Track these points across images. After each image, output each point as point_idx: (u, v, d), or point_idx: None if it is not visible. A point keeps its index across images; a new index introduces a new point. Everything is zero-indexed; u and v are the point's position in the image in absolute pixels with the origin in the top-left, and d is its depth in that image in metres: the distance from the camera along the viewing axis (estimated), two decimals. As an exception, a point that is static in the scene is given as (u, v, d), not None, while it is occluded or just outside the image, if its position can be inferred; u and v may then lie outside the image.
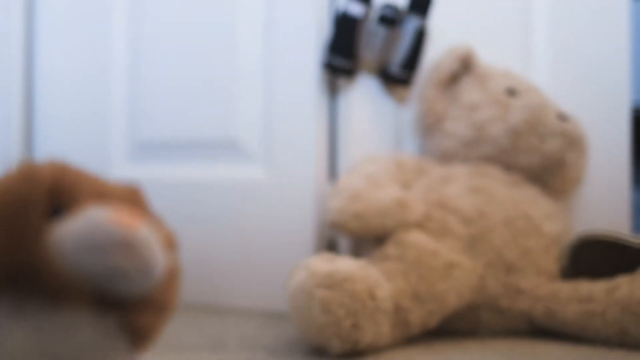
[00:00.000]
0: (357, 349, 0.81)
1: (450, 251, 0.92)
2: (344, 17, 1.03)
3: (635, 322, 0.86)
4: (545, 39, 1.20)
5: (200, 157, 1.17)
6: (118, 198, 0.33)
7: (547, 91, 1.18)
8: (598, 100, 1.21)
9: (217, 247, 1.15)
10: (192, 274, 1.17)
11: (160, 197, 1.18)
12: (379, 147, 1.11)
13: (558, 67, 1.20)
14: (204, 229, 1.16)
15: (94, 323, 0.31)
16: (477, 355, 0.83)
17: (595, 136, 1.20)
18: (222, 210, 1.15)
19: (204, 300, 1.17)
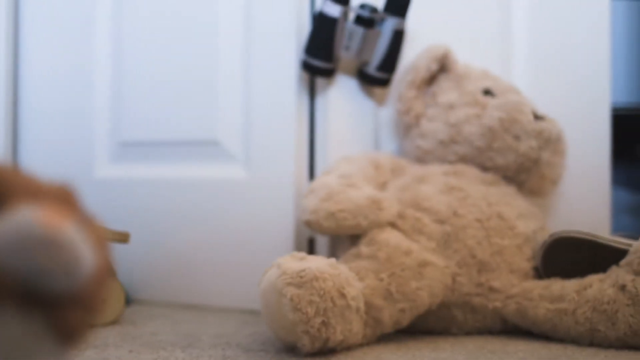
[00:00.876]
0: (328, 347, 0.82)
1: (423, 250, 0.92)
2: (321, 17, 1.04)
3: (605, 321, 0.86)
4: (526, 40, 1.21)
5: (182, 157, 1.18)
6: (50, 197, 0.34)
7: (527, 92, 1.19)
8: (579, 101, 1.22)
9: (198, 246, 1.16)
10: (174, 273, 1.18)
11: (143, 196, 1.20)
12: (358, 147, 1.12)
13: (538, 67, 1.21)
14: (186, 227, 1.17)
15: (20, 322, 0.32)
16: (446, 353, 0.84)
17: (576, 136, 1.21)
18: (203, 209, 1.16)
19: (185, 298, 1.18)
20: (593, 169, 1.23)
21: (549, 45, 1.21)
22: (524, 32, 1.21)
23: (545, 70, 1.21)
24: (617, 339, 0.86)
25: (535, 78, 1.21)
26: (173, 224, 1.18)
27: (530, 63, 1.21)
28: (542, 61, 1.21)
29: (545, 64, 1.21)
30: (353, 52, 1.07)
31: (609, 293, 0.87)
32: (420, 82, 1.08)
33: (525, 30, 1.21)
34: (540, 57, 1.21)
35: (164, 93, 1.19)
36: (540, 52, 1.21)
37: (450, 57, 1.10)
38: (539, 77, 1.21)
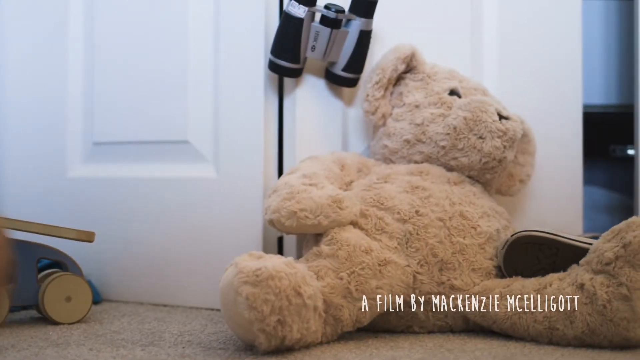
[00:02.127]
0: (285, 345, 0.82)
1: (384, 249, 0.93)
2: (286, 17, 1.05)
3: (563, 320, 0.87)
4: (496, 40, 1.21)
5: (153, 157, 1.19)
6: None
7: (498, 91, 1.20)
8: (551, 101, 1.22)
9: (168, 245, 1.17)
10: (145, 272, 1.19)
11: (115, 195, 1.21)
12: (327, 147, 1.13)
13: (509, 67, 1.21)
14: (156, 226, 1.18)
15: None
16: (404, 352, 0.84)
17: (548, 136, 1.21)
18: (173, 208, 1.17)
19: (156, 297, 1.19)
20: (565, 169, 1.23)
21: (520, 45, 1.21)
22: (495, 32, 1.21)
23: (517, 70, 1.21)
24: (574, 338, 0.87)
25: (506, 78, 1.21)
26: (144, 223, 1.19)
27: (501, 63, 1.21)
28: (513, 61, 1.21)
29: (516, 63, 1.21)
30: (319, 53, 1.07)
31: (568, 292, 0.88)
32: (387, 82, 1.08)
33: (495, 30, 1.21)
34: (511, 57, 1.21)
35: (135, 94, 1.20)
36: (511, 52, 1.21)
37: (417, 57, 1.10)
38: (510, 77, 1.21)
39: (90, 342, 0.90)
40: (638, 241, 0.84)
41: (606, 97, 1.47)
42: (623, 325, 0.84)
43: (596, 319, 0.85)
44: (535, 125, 1.19)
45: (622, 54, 1.44)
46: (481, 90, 1.10)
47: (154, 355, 0.83)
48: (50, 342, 0.89)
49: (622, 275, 0.84)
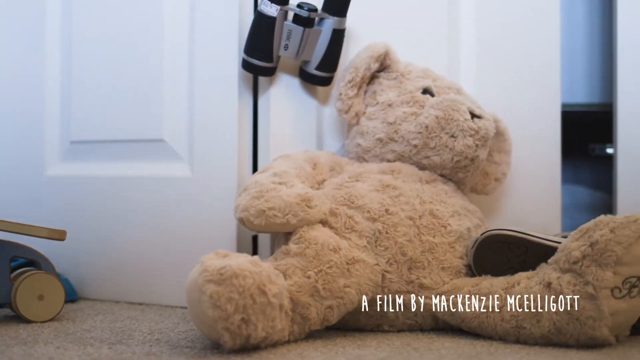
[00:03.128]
0: (251, 343, 0.82)
1: (353, 247, 0.93)
2: (259, 16, 1.05)
3: (530, 319, 0.87)
4: (474, 38, 1.21)
5: (130, 155, 1.19)
6: None
7: (476, 90, 1.20)
8: (529, 100, 1.22)
9: (144, 243, 1.17)
10: (121, 270, 1.19)
11: (92, 194, 1.21)
12: (301, 146, 1.13)
13: (487, 66, 1.21)
14: (133, 225, 1.18)
15: None
16: (370, 350, 0.85)
17: (526, 135, 1.21)
18: (149, 207, 1.17)
19: (132, 296, 1.19)
20: (544, 168, 1.23)
21: (498, 43, 1.21)
22: (472, 30, 1.21)
23: (495, 69, 1.21)
24: (541, 337, 0.87)
25: (484, 77, 1.21)
26: (120, 222, 1.19)
27: (478, 62, 1.21)
28: (491, 60, 1.21)
29: (494, 62, 1.21)
30: (292, 52, 1.07)
31: (535, 291, 0.88)
32: (360, 81, 1.08)
33: (473, 28, 1.21)
34: (489, 55, 1.21)
35: (111, 93, 1.20)
36: (489, 51, 1.21)
37: (391, 56, 1.10)
38: (488, 75, 1.21)
39: (59, 341, 0.90)
40: (605, 240, 0.84)
41: (586, 96, 1.46)
42: (589, 324, 0.83)
43: (563, 318, 0.85)
44: (513, 124, 1.19)
45: (603, 53, 1.44)
46: (455, 89, 1.10)
47: (120, 353, 0.83)
48: (19, 340, 0.90)
49: (588, 274, 0.84)
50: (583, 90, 1.49)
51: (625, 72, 1.25)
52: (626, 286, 0.84)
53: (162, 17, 1.17)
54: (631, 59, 1.25)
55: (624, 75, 1.25)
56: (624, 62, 1.25)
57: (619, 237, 0.83)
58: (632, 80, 1.25)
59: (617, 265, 0.83)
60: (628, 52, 1.25)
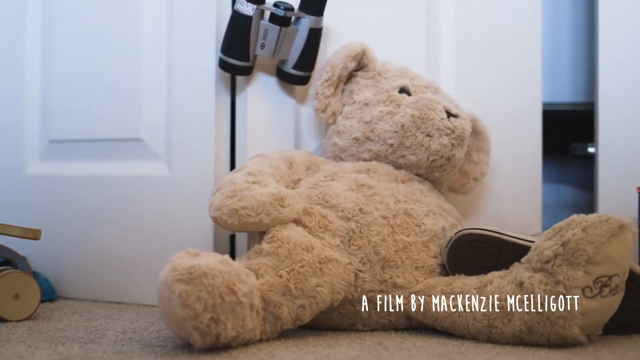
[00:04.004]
0: (221, 342, 0.82)
1: (326, 247, 0.93)
2: (235, 15, 1.05)
3: (502, 318, 0.87)
4: (453, 37, 1.22)
5: (109, 155, 1.19)
6: None
7: (456, 89, 1.20)
8: (510, 99, 1.22)
9: (123, 242, 1.17)
10: (100, 269, 1.19)
11: (72, 193, 1.21)
12: (279, 145, 1.13)
13: (467, 65, 1.21)
14: (112, 224, 1.18)
15: None
16: (340, 349, 0.84)
17: (507, 134, 1.21)
18: (128, 206, 1.17)
19: (111, 295, 1.19)
20: (524, 167, 1.23)
21: (478, 42, 1.21)
22: (452, 30, 1.22)
23: (475, 68, 1.21)
24: (513, 336, 0.86)
25: (463, 76, 1.21)
26: (99, 221, 1.19)
27: (458, 61, 1.21)
28: (471, 59, 1.21)
29: (474, 61, 1.21)
30: (269, 51, 1.07)
31: (507, 290, 0.88)
32: (337, 80, 1.08)
33: (453, 27, 1.21)
34: (469, 54, 1.21)
35: (90, 92, 1.21)
36: (469, 50, 1.21)
37: (368, 55, 1.10)
38: (468, 74, 1.21)
39: (31, 340, 0.90)
40: (576, 239, 0.84)
41: (571, 96, 1.46)
42: (560, 323, 0.83)
43: (533, 318, 0.85)
44: (494, 123, 1.19)
45: (588, 52, 1.44)
46: (433, 88, 1.10)
47: (90, 352, 0.83)
48: (-10, 339, 0.90)
49: (560, 274, 0.84)
50: (568, 89, 1.49)
51: (607, 72, 1.25)
52: (597, 285, 0.84)
53: (141, 17, 1.17)
54: (612, 58, 1.24)
55: (605, 74, 1.25)
56: (605, 62, 1.25)
57: (590, 236, 0.83)
58: (613, 80, 1.24)
59: (589, 265, 0.83)
60: (609, 52, 1.24)
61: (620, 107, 1.24)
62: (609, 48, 1.25)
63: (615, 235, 0.84)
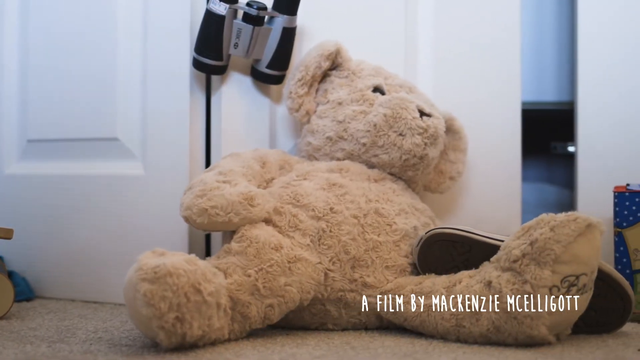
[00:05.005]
0: (187, 342, 0.82)
1: (296, 246, 0.93)
2: (208, 15, 1.05)
3: (470, 317, 0.87)
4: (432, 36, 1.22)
5: (85, 154, 1.20)
6: None
7: (433, 89, 1.20)
8: (489, 98, 1.22)
9: (100, 241, 1.18)
10: (77, 269, 1.19)
11: (49, 192, 1.21)
12: (254, 144, 1.13)
13: (446, 65, 1.21)
14: (88, 223, 1.18)
15: None
16: (307, 349, 0.84)
17: (486, 134, 1.21)
18: (104, 205, 1.17)
19: (87, 295, 1.19)
20: (504, 166, 1.23)
21: (456, 41, 1.21)
22: (430, 29, 1.21)
23: (453, 67, 1.21)
24: (480, 335, 0.86)
25: (441, 75, 1.21)
26: (76, 220, 1.19)
27: (436, 60, 1.21)
28: (449, 58, 1.21)
29: (452, 60, 1.21)
30: (242, 50, 1.07)
31: (476, 289, 0.87)
32: (311, 79, 1.08)
33: (431, 26, 1.21)
34: (447, 53, 1.21)
35: (67, 91, 1.21)
36: (447, 49, 1.21)
37: (342, 54, 1.10)
38: (446, 74, 1.21)
39: (1, 339, 0.90)
40: (544, 238, 0.83)
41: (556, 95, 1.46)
42: (527, 323, 0.83)
43: (501, 317, 0.84)
44: (473, 122, 1.19)
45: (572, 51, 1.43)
46: (407, 87, 1.10)
47: (57, 351, 0.83)
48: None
49: (527, 273, 0.84)
50: (552, 88, 1.49)
51: (586, 71, 1.25)
52: (565, 285, 0.83)
53: (116, 17, 1.17)
54: (591, 57, 1.24)
55: (584, 73, 1.25)
56: (584, 61, 1.25)
57: (558, 235, 0.83)
58: (592, 79, 1.24)
59: (556, 264, 0.83)
60: (588, 51, 1.24)
61: (599, 106, 1.24)
62: (588, 47, 1.24)
63: (582, 235, 0.83)
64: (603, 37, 1.24)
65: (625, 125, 1.23)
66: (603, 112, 1.24)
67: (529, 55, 1.51)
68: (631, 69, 1.23)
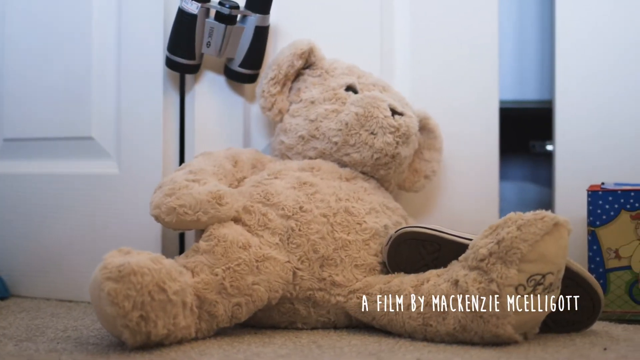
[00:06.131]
0: (152, 340, 0.82)
1: (265, 245, 0.93)
2: (180, 14, 1.05)
3: (436, 316, 0.87)
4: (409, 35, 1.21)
5: (61, 153, 1.20)
6: None
7: (409, 88, 1.19)
8: (467, 97, 1.22)
9: (75, 241, 1.18)
10: (53, 268, 1.19)
11: (25, 192, 1.21)
12: (228, 143, 1.13)
13: (422, 63, 1.21)
14: (63, 222, 1.18)
15: None
16: (273, 348, 0.84)
17: (464, 132, 1.21)
18: (79, 204, 1.17)
19: (63, 293, 1.19)
20: (481, 165, 1.23)
21: (433, 40, 1.21)
22: (407, 27, 1.21)
23: (430, 67, 1.21)
24: (447, 334, 0.86)
25: (418, 74, 1.21)
26: (52, 219, 1.19)
27: (413, 59, 1.21)
28: (426, 57, 1.21)
29: (429, 59, 1.21)
30: (215, 49, 1.07)
31: (442, 288, 0.87)
32: (284, 78, 1.08)
33: (408, 25, 1.21)
34: (424, 52, 1.21)
35: (43, 90, 1.21)
36: (424, 48, 1.21)
37: (315, 53, 1.10)
38: (423, 73, 1.21)
39: (-32, 338, 0.90)
40: (511, 237, 0.83)
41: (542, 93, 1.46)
42: (493, 322, 0.83)
43: (467, 316, 0.84)
44: (450, 120, 1.19)
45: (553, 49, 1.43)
46: (381, 86, 1.10)
47: (23, 350, 0.83)
48: None
49: (493, 272, 0.83)
50: (534, 86, 1.49)
51: (563, 69, 1.24)
52: (531, 284, 0.83)
53: (91, 15, 1.17)
54: (569, 56, 1.24)
55: (562, 72, 1.25)
56: (562, 59, 1.25)
57: (524, 234, 0.83)
58: (570, 78, 1.24)
59: (522, 263, 0.83)
60: (566, 49, 1.24)
61: (576, 105, 1.24)
62: (565, 46, 1.24)
63: (549, 234, 0.83)
64: (580, 36, 1.24)
65: (603, 124, 1.23)
66: (580, 110, 1.24)
67: (511, 53, 1.51)
68: (608, 68, 1.23)
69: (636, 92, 1.22)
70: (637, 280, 1.04)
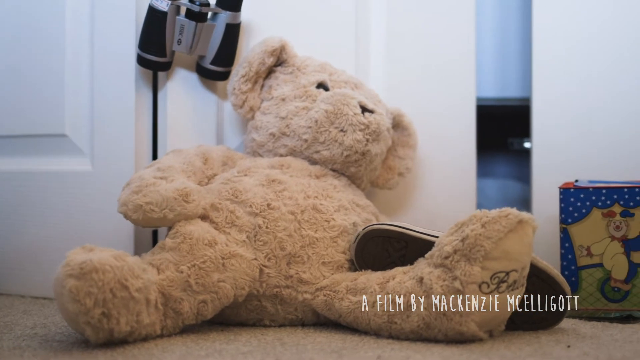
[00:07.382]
0: (115, 337, 0.82)
1: (231, 242, 0.93)
2: (150, 11, 1.05)
3: (401, 314, 0.87)
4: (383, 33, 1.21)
5: (35, 151, 1.20)
6: None
7: (385, 86, 1.19)
8: (444, 95, 1.22)
9: (49, 238, 1.18)
10: (27, 265, 1.19)
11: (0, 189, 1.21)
12: (201, 141, 1.13)
13: (397, 60, 1.21)
14: (37, 220, 1.18)
15: None
16: (236, 345, 0.84)
17: (441, 130, 1.21)
18: (53, 202, 1.17)
19: (38, 291, 1.19)
20: (459, 162, 1.23)
21: (409, 38, 1.21)
22: (382, 25, 1.21)
23: (406, 64, 1.21)
24: (411, 332, 0.86)
25: (394, 71, 1.21)
26: (26, 217, 1.19)
27: (388, 57, 1.21)
28: (402, 54, 1.21)
29: (405, 57, 1.22)
30: (186, 46, 1.07)
31: (407, 286, 0.87)
32: (255, 75, 1.08)
33: (383, 23, 1.21)
34: (400, 50, 1.21)
35: (16, 88, 1.20)
36: (400, 46, 1.21)
37: (287, 50, 1.10)
38: (399, 70, 1.21)
39: None
40: (475, 235, 0.83)
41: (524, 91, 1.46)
42: (456, 319, 0.83)
43: (431, 313, 0.84)
44: (426, 118, 1.19)
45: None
46: (353, 83, 1.10)
47: (-12, 347, 0.84)
48: None
49: (457, 269, 0.83)
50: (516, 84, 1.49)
51: (540, 66, 1.24)
52: (494, 281, 0.83)
53: (64, 12, 1.17)
54: (545, 53, 1.24)
55: (539, 69, 1.25)
56: (538, 56, 1.24)
57: (489, 231, 0.83)
58: (547, 75, 1.24)
59: (486, 260, 0.82)
60: (543, 47, 1.24)
61: (553, 103, 1.24)
62: (542, 43, 1.24)
63: (513, 231, 0.83)
64: (557, 33, 1.24)
65: (579, 121, 1.23)
66: (557, 108, 1.24)
67: (493, 51, 1.51)
68: (585, 66, 1.23)
69: (613, 90, 1.22)
70: (609, 278, 1.04)
